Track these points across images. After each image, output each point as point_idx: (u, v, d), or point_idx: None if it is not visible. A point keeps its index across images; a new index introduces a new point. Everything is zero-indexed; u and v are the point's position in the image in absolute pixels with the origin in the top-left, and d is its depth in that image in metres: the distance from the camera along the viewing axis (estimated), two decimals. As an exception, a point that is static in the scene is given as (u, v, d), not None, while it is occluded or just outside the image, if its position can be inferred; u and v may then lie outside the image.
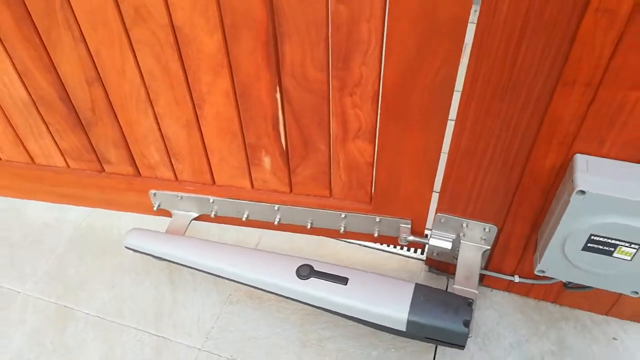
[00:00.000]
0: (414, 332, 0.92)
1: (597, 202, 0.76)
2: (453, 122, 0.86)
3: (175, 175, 1.13)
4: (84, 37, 0.89)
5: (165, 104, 0.97)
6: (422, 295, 0.92)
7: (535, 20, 0.69)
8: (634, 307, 1.03)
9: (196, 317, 1.12)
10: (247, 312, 1.12)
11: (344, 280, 0.96)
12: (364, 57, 0.81)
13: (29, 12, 0.88)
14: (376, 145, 0.94)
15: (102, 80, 0.96)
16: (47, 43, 0.92)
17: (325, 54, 0.82)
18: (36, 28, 0.90)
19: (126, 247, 1.11)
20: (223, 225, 1.21)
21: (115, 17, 0.84)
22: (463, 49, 0.77)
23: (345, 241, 1.25)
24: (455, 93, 0.83)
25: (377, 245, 1.24)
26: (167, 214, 1.20)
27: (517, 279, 1.05)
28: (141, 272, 1.22)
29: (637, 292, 0.88)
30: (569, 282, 1.01)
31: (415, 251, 1.23)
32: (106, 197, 1.21)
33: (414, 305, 0.91)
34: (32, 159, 1.18)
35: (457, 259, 1.05)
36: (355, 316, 0.95)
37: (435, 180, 0.97)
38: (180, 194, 1.14)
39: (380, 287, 0.95)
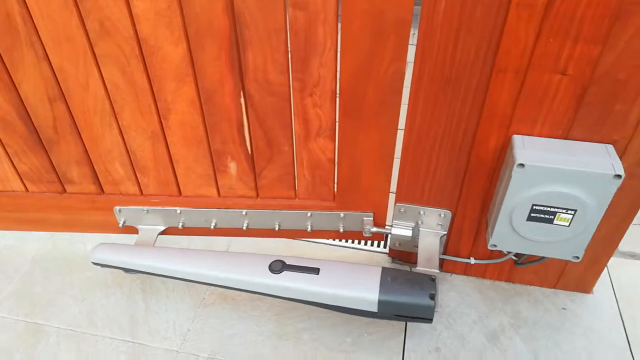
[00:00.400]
0: (385, 311, 0.98)
1: (535, 173, 0.86)
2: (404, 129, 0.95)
3: (141, 189, 1.14)
4: (47, 54, 0.91)
5: (130, 116, 1.00)
6: (389, 277, 0.99)
7: (468, 20, 0.80)
8: (577, 278, 1.15)
9: (171, 321, 1.13)
10: (222, 313, 1.14)
11: (315, 271, 1.01)
12: (321, 58, 0.88)
13: (-11, 33, 0.89)
14: (337, 142, 1.01)
15: (65, 97, 0.98)
16: (8, 63, 0.93)
17: (286, 58, 0.89)
18: (-4, 48, 0.91)
19: (93, 263, 1.10)
20: (191, 236, 1.23)
21: (80, 33, 0.87)
22: (406, 65, 0.86)
23: (312, 241, 1.30)
24: (402, 106, 0.92)
25: (343, 243, 1.30)
26: (133, 230, 1.20)
27: (472, 260, 1.15)
28: (111, 285, 1.21)
29: (577, 257, 0.98)
30: (519, 259, 1.12)
31: (378, 245, 1.30)
32: (69, 218, 1.20)
33: (383, 286, 0.97)
34: (-13, 185, 1.16)
35: (417, 247, 1.13)
36: (329, 303, 1.00)
37: (392, 176, 1.06)
38: (146, 207, 1.15)
39: (350, 274, 1.01)
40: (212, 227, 1.18)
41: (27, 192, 1.16)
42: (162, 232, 1.20)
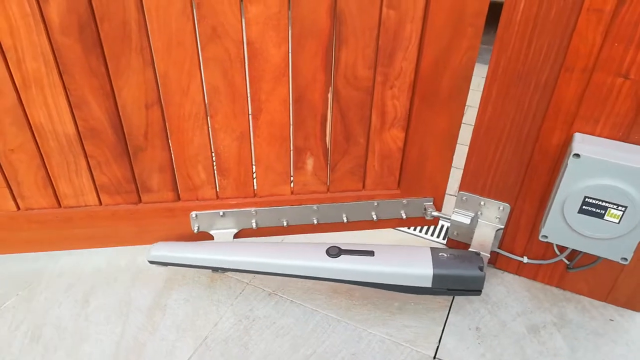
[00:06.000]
0: (438, 285, 1.06)
1: (590, 165, 0.93)
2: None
3: (217, 193, 1.19)
4: (153, 60, 0.97)
5: (223, 118, 1.06)
6: (439, 254, 1.09)
7: (543, 20, 0.91)
8: (628, 294, 1.16)
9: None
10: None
11: (371, 253, 1.09)
12: (405, 52, 1.01)
13: (100, 42, 0.94)
14: (407, 131, 1.13)
15: (161, 103, 1.03)
16: (112, 71, 0.97)
17: (374, 54, 1.01)
18: (105, 57, 0.95)
19: (150, 262, 1.14)
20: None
21: (191, 37, 0.95)
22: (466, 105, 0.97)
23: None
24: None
25: (404, 229, 1.39)
26: (208, 236, 1.23)
27: (525, 259, 1.20)
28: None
29: (626, 259, 1.00)
30: (571, 262, 1.17)
31: (437, 236, 1.40)
32: (141, 230, 1.21)
33: (436, 262, 1.07)
34: (58, 202, 1.15)
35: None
36: (385, 282, 1.07)
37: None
38: (222, 211, 1.20)
39: (403, 254, 1.10)
40: (284, 225, 1.24)
41: (101, 206, 1.17)
42: (236, 235, 1.24)
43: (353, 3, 0.94)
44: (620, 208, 0.94)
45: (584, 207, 0.97)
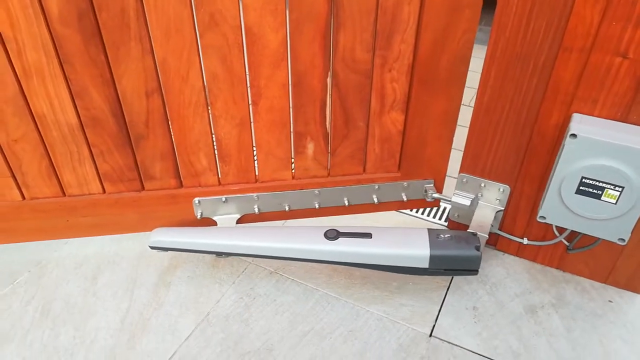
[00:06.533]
0: (435, 265, 1.07)
1: (587, 145, 0.93)
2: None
3: (219, 179, 1.20)
4: (152, 48, 0.97)
5: (223, 105, 1.07)
6: (436, 235, 1.10)
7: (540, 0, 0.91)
8: (628, 276, 1.16)
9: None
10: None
11: (368, 235, 1.10)
12: (403, 35, 1.01)
13: (99, 30, 0.94)
14: (407, 114, 1.13)
15: (162, 90, 1.03)
16: (112, 59, 0.98)
17: (372, 37, 1.01)
18: (104, 45, 0.96)
19: (151, 247, 1.15)
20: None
21: (189, 25, 0.95)
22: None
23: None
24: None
25: (406, 212, 1.41)
26: (211, 222, 1.25)
27: (525, 241, 1.20)
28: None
29: (623, 240, 1.00)
30: (570, 243, 1.16)
31: (440, 218, 1.41)
32: (145, 217, 1.23)
33: (433, 243, 1.08)
34: (63, 190, 1.16)
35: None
36: (383, 263, 1.09)
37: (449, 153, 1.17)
38: (224, 197, 1.21)
39: (400, 235, 1.11)
40: (286, 209, 1.25)
41: (104, 194, 1.18)
42: (239, 220, 1.26)
43: (350, -14, 0.94)
44: (617, 188, 0.94)
45: (581, 187, 0.97)
